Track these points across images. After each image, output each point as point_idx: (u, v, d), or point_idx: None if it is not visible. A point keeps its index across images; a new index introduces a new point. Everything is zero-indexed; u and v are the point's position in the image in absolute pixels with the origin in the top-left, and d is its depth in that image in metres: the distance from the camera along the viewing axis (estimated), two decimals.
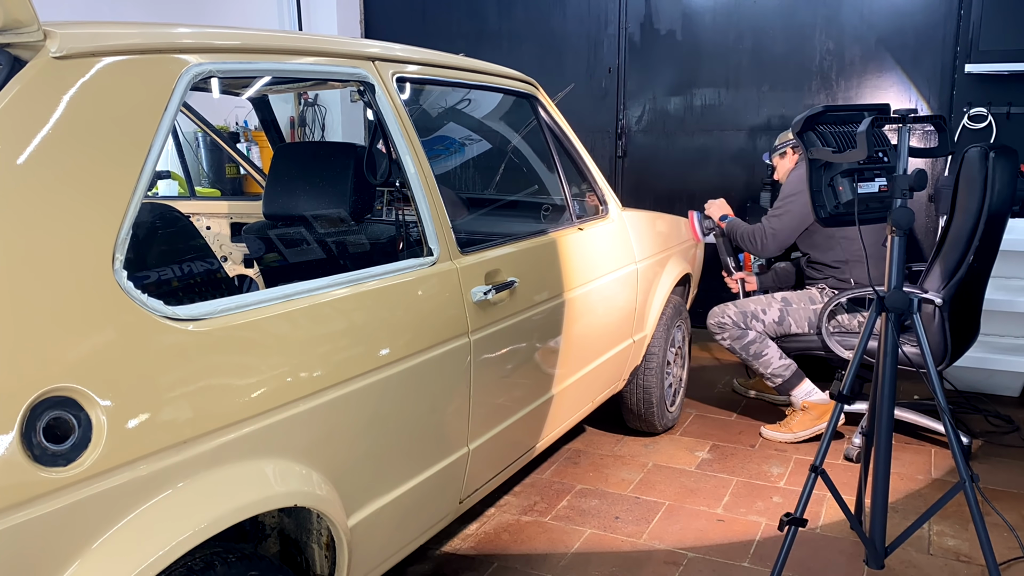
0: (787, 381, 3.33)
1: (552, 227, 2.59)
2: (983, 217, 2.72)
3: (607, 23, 5.04)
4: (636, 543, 2.56)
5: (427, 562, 2.46)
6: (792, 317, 3.33)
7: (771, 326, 3.34)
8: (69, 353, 1.17)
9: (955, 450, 2.01)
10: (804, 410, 3.33)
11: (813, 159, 2.04)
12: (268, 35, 1.71)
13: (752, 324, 3.33)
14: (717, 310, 3.41)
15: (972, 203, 2.73)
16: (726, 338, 3.37)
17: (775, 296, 3.41)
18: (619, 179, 5.13)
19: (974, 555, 2.46)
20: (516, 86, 2.60)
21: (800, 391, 3.34)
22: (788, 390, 3.35)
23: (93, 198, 1.25)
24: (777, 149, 3.65)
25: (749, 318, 3.34)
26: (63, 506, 1.14)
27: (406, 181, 1.97)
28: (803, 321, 3.33)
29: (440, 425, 1.95)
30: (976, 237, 2.75)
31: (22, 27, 1.21)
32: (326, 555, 1.66)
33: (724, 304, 3.42)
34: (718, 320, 3.38)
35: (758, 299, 3.41)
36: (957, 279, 2.83)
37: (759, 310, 3.35)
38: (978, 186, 2.71)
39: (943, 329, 2.92)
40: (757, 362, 3.33)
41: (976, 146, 2.76)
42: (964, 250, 2.79)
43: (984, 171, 2.70)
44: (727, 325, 3.35)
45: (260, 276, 2.97)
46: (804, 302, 3.35)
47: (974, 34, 4.12)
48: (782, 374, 3.32)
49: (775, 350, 3.32)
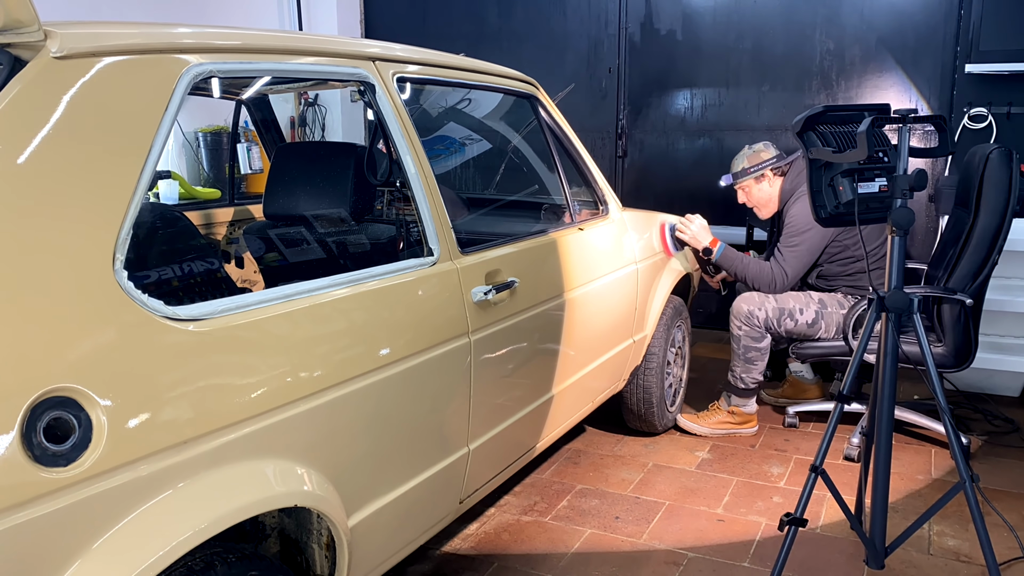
0: (746, 391, 3.35)
1: (552, 227, 2.60)
2: (1009, 216, 2.80)
3: (607, 23, 5.04)
4: (636, 543, 2.56)
5: (427, 562, 2.46)
6: (826, 320, 3.25)
7: (802, 327, 3.25)
8: (70, 353, 1.17)
9: (955, 450, 2.01)
10: (731, 412, 3.39)
11: (813, 159, 2.04)
12: (268, 35, 1.71)
13: (784, 322, 3.24)
14: (757, 299, 3.25)
15: (999, 203, 2.81)
16: (743, 329, 3.25)
17: (812, 296, 3.30)
18: (619, 179, 5.13)
19: (974, 555, 2.46)
20: (516, 86, 2.60)
21: (742, 402, 3.38)
22: (738, 395, 3.37)
23: (94, 198, 1.25)
24: (751, 173, 3.36)
25: (784, 315, 3.24)
26: (63, 506, 1.14)
27: (406, 181, 1.97)
28: (832, 326, 3.26)
29: (440, 425, 1.95)
30: (1002, 236, 2.83)
31: (23, 27, 1.21)
32: (326, 555, 1.66)
33: (764, 296, 3.26)
34: (751, 310, 3.23)
35: (796, 296, 3.29)
36: (983, 278, 2.88)
37: (796, 308, 3.25)
38: (1004, 186, 2.79)
39: (968, 328, 2.94)
40: (743, 363, 3.30)
41: (997, 147, 2.83)
42: (989, 249, 2.85)
43: (1008, 172, 2.79)
44: (755, 320, 3.23)
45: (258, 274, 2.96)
46: (835, 306, 3.27)
47: (974, 34, 4.12)
48: (748, 385, 3.33)
49: (762, 367, 3.33)
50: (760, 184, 3.41)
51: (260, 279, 2.83)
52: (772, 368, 4.07)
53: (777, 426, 3.51)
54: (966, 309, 2.90)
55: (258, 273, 2.86)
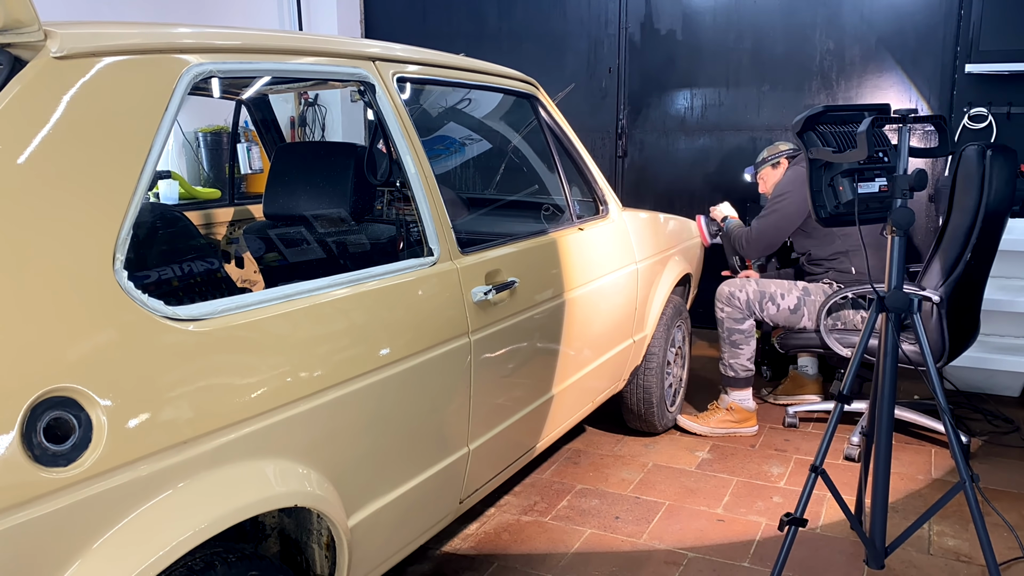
0: (737, 380, 3.38)
1: (552, 227, 2.59)
2: (980, 215, 2.73)
3: (607, 23, 5.04)
4: (636, 543, 2.56)
5: (427, 562, 2.46)
6: (807, 308, 3.30)
7: (783, 313, 3.31)
8: (70, 353, 1.17)
9: (955, 450, 2.01)
10: (729, 410, 3.41)
11: (813, 159, 2.04)
12: (269, 35, 1.71)
13: (766, 306, 3.31)
14: (737, 283, 3.37)
15: (969, 201, 2.76)
16: (725, 311, 3.35)
17: (796, 283, 3.37)
18: (619, 179, 5.13)
19: (974, 555, 2.46)
20: (516, 86, 2.60)
21: (738, 395, 3.40)
22: (731, 387, 3.40)
23: (94, 198, 1.25)
24: (768, 160, 3.60)
25: (765, 299, 3.31)
26: (63, 506, 1.14)
27: (406, 181, 1.97)
28: (815, 315, 3.30)
29: (440, 425, 1.95)
30: (973, 235, 2.77)
31: (23, 27, 1.21)
32: (326, 555, 1.66)
33: (745, 280, 3.39)
34: (732, 291, 3.34)
35: (779, 282, 3.37)
36: (955, 277, 2.85)
37: (778, 293, 3.32)
38: (975, 184, 2.73)
39: (941, 327, 2.93)
40: (730, 348, 3.36)
41: (973, 144, 2.78)
42: (961, 248, 2.81)
43: (981, 169, 2.72)
44: (738, 302, 3.32)
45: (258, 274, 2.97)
46: (820, 295, 3.32)
47: (974, 34, 4.12)
48: (739, 373, 3.36)
49: (751, 351, 3.36)
50: (776, 171, 3.57)
51: (260, 279, 2.83)
52: (772, 367, 4.07)
53: (777, 426, 3.51)
54: (939, 308, 2.89)
55: (258, 273, 2.86)
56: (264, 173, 3.68)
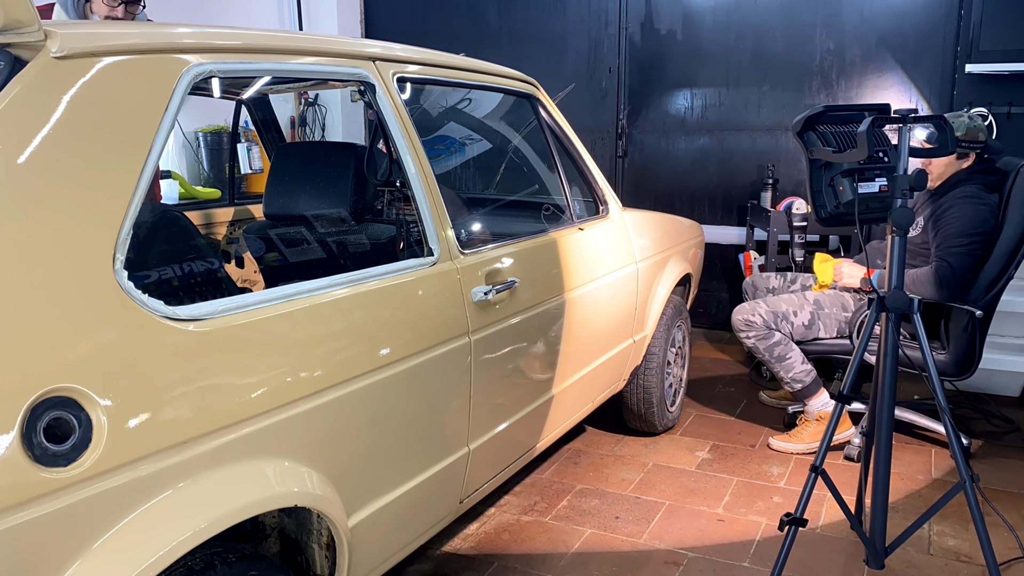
0: (807, 388, 3.23)
1: (552, 227, 2.59)
2: None
3: (607, 23, 5.04)
4: (636, 543, 2.56)
5: (427, 562, 2.46)
6: (822, 321, 3.22)
7: (799, 329, 3.22)
8: (70, 353, 1.17)
9: (955, 450, 2.01)
10: (819, 420, 3.25)
11: (813, 159, 2.05)
12: (269, 35, 1.71)
13: (781, 326, 3.21)
14: (747, 307, 3.27)
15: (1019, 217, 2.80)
16: (751, 337, 3.24)
17: (807, 298, 3.27)
18: (619, 179, 5.13)
19: (974, 555, 2.46)
20: (516, 86, 2.60)
21: (818, 401, 3.25)
22: (805, 397, 3.25)
23: (94, 198, 1.25)
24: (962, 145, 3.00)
25: (779, 319, 3.22)
26: (63, 506, 1.14)
27: (406, 181, 1.97)
28: (832, 327, 3.22)
29: (440, 425, 1.95)
30: (1021, 251, 2.81)
31: (23, 27, 1.21)
32: (326, 555, 1.66)
33: (754, 302, 3.29)
34: (746, 318, 3.25)
35: (789, 299, 3.27)
36: (997, 291, 2.85)
37: (790, 311, 3.23)
38: None
39: (974, 340, 2.91)
40: (779, 365, 3.22)
41: None
42: (1007, 263, 2.83)
43: None
44: (755, 324, 3.23)
45: (258, 274, 2.97)
46: (836, 308, 3.24)
47: (974, 34, 4.12)
48: (803, 380, 3.22)
49: (799, 354, 3.22)
50: (956, 164, 3.08)
51: (260, 279, 2.83)
52: None
53: (777, 426, 3.51)
54: (975, 320, 2.85)
55: (258, 273, 2.86)
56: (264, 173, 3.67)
